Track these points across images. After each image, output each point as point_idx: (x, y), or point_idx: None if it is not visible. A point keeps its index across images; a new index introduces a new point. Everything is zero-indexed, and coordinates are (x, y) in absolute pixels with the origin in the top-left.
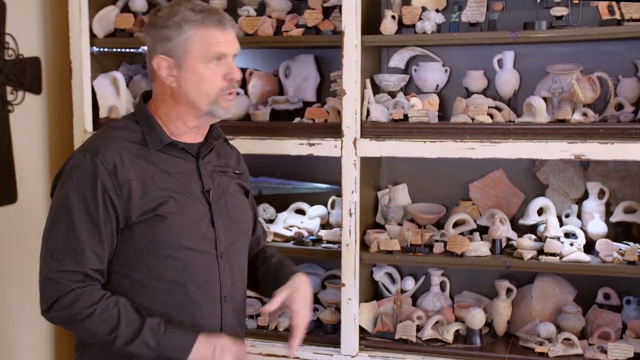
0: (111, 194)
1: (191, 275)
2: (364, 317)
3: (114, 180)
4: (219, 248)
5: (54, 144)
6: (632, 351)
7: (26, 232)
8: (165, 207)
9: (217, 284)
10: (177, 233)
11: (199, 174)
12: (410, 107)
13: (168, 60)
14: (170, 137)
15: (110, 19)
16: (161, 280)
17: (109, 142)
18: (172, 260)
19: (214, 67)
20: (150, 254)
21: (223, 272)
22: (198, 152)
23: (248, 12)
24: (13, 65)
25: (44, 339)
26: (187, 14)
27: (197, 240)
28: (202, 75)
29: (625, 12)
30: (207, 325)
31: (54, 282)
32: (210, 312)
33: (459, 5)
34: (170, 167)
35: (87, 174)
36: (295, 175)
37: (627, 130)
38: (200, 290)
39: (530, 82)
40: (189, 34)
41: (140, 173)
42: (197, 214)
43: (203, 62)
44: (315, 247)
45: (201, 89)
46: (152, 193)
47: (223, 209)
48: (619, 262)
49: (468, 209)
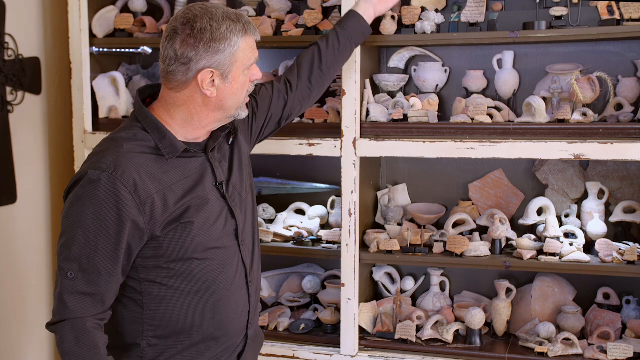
0: (134, 214)
1: (219, 271)
2: (363, 317)
3: (135, 198)
4: (239, 238)
5: (53, 145)
6: (631, 351)
7: (26, 233)
8: (188, 213)
9: (243, 271)
10: (202, 236)
11: (212, 168)
12: (409, 107)
13: (214, 72)
14: (182, 143)
15: (110, 19)
16: (192, 282)
17: (123, 157)
18: (199, 262)
19: (247, 73)
20: (179, 260)
21: (245, 259)
22: (206, 147)
23: (247, 12)
24: (13, 66)
25: (44, 340)
26: (230, 24)
27: (221, 238)
28: (241, 83)
29: (624, 12)
30: (238, 311)
31: (64, 304)
32: (239, 299)
33: (458, 6)
34: (185, 170)
35: (105, 194)
36: (295, 176)
37: (627, 130)
38: (227, 283)
39: (530, 82)
40: (238, 45)
41: (159, 185)
42: (214, 211)
43: (244, 70)
44: (315, 247)
45: (238, 96)
46: (174, 203)
47: (235, 194)
48: (618, 262)
49: (468, 209)
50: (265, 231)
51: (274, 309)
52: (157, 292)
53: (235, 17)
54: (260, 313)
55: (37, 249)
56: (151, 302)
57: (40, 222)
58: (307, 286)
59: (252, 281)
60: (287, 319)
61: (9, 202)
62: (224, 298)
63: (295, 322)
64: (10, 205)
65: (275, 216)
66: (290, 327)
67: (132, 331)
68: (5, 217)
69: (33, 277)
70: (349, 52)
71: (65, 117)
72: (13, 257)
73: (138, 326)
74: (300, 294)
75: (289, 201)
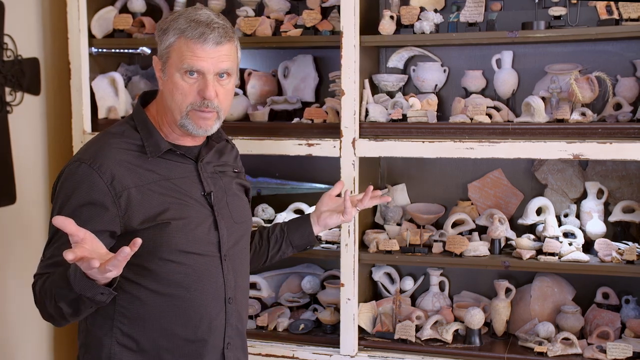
0: (108, 203)
1: (196, 279)
2: (363, 317)
3: (111, 189)
4: (222, 250)
5: (52, 145)
6: (630, 350)
7: (25, 233)
8: (167, 214)
9: (222, 286)
10: (179, 239)
11: (199, 177)
12: (409, 107)
13: (158, 62)
14: (169, 143)
15: (109, 20)
16: (166, 284)
17: (105, 150)
18: (174, 265)
19: (189, 80)
20: (154, 260)
21: (227, 274)
22: (198, 155)
23: (246, 12)
24: (12, 66)
25: (44, 339)
26: (179, 21)
27: (199, 245)
28: (176, 84)
29: (623, 12)
30: (212, 326)
31: (32, 285)
32: (215, 315)
33: (457, 6)
34: (170, 172)
35: (82, 184)
36: (294, 176)
37: (626, 130)
38: (204, 294)
39: (529, 82)
40: (170, 42)
41: (138, 181)
42: (198, 218)
43: (179, 72)
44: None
45: (175, 98)
46: (152, 201)
47: (225, 210)
48: (617, 261)
49: (467, 209)
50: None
51: (273, 309)
52: (131, 289)
53: (192, 19)
54: (260, 313)
55: (36, 249)
56: (124, 299)
57: (39, 223)
58: (306, 286)
59: (234, 300)
60: (287, 319)
61: (8, 202)
62: (196, 304)
63: (295, 322)
64: (10, 206)
65: (274, 216)
66: (290, 327)
67: (102, 326)
68: (5, 218)
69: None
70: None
71: (64, 118)
72: (12, 258)
73: (107, 321)
74: (299, 294)
75: (288, 201)
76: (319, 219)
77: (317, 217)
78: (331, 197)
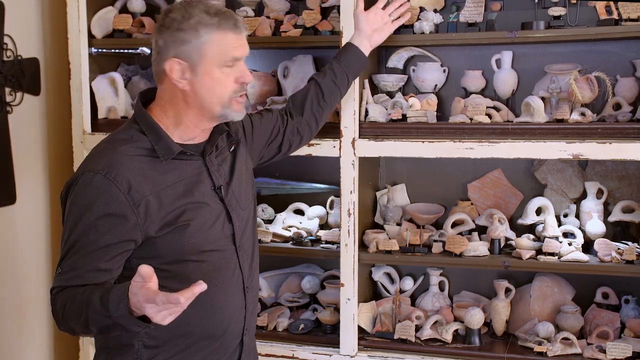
0: (127, 214)
1: (216, 275)
2: (363, 317)
3: (129, 199)
4: (236, 242)
5: (52, 145)
6: (630, 350)
7: (25, 233)
8: (184, 216)
9: (240, 276)
10: (197, 238)
11: (208, 172)
12: (408, 107)
13: (182, 63)
14: (179, 144)
15: (109, 20)
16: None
17: (118, 159)
18: (195, 264)
19: (227, 71)
20: (175, 262)
21: (243, 264)
22: (203, 150)
23: (246, 12)
24: (12, 66)
25: (44, 340)
26: (203, 17)
27: (217, 241)
28: (216, 79)
29: (622, 12)
30: (234, 318)
31: (52, 297)
32: (237, 306)
33: (457, 6)
34: (181, 172)
35: (98, 195)
36: (294, 176)
37: (625, 130)
38: (225, 287)
39: (529, 82)
40: (206, 38)
41: (153, 187)
42: (212, 214)
43: (218, 66)
44: (314, 248)
45: (215, 93)
46: (169, 205)
47: (232, 199)
48: (617, 261)
49: (467, 209)
50: (264, 231)
51: (273, 309)
52: None
53: (214, 12)
54: (260, 313)
55: (37, 249)
56: None
57: (39, 223)
58: (306, 286)
59: (250, 287)
60: (287, 319)
61: (8, 203)
62: (220, 300)
63: (295, 322)
64: (10, 206)
65: (274, 216)
66: (290, 327)
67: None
68: (5, 218)
69: (32, 278)
70: (347, 84)
71: (64, 118)
72: (12, 258)
73: None
74: (299, 294)
75: (288, 201)
76: (371, 40)
77: (367, 39)
78: (368, 19)
